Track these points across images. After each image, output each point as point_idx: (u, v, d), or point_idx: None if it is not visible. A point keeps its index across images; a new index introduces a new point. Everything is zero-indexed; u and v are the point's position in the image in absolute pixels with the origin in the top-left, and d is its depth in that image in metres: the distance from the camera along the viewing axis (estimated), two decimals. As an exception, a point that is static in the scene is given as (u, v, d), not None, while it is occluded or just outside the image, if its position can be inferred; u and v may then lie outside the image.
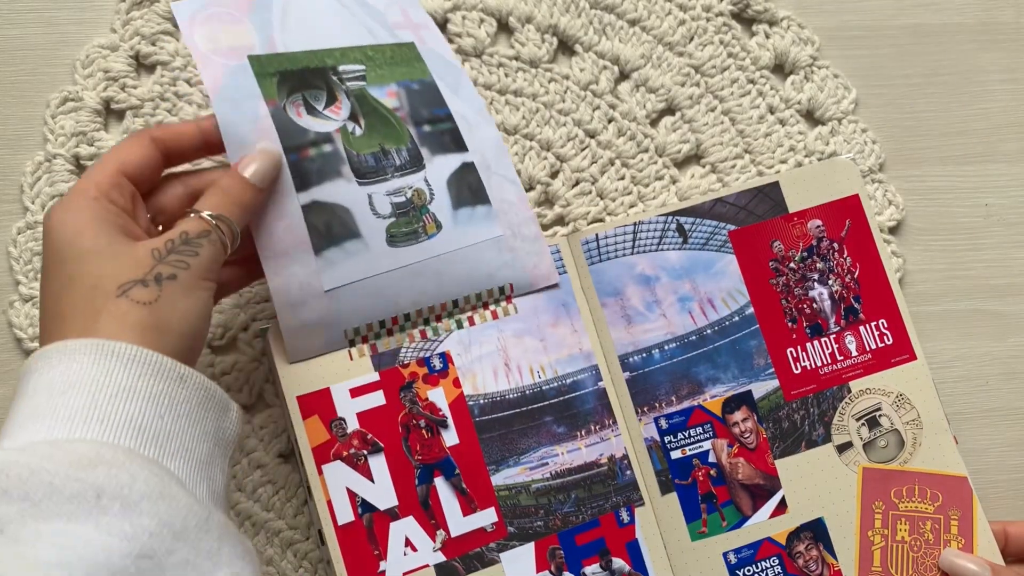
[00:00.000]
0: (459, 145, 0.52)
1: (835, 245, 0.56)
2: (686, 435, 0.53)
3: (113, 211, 0.41)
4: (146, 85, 0.56)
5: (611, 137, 0.58)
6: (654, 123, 0.59)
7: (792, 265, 0.55)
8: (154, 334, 0.39)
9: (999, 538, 0.53)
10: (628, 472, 0.52)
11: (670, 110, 0.60)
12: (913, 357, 0.55)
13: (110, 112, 0.56)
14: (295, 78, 0.49)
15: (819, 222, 0.56)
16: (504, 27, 0.59)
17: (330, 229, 0.47)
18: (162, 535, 0.34)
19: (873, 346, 0.55)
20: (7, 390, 0.53)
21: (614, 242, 0.54)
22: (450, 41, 0.58)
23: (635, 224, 0.55)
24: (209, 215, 0.42)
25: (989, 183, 0.61)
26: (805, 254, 0.55)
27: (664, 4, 0.60)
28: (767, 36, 0.61)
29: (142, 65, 0.56)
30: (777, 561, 0.52)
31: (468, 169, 0.51)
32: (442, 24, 0.58)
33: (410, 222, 0.49)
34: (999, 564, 0.52)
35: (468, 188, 0.51)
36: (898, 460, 0.54)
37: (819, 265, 0.55)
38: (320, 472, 0.49)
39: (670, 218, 0.55)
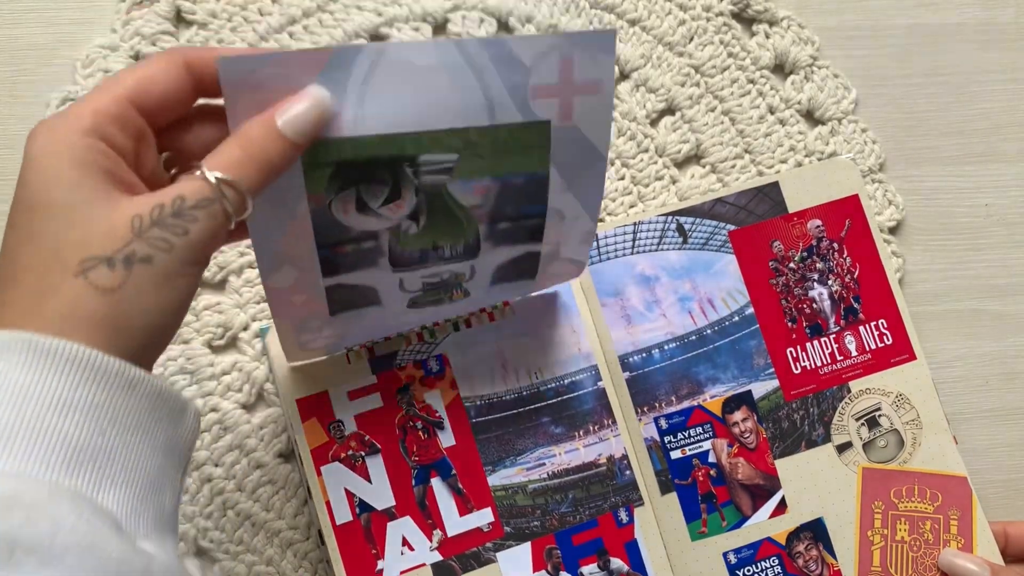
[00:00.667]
0: (534, 238, 0.44)
1: (835, 245, 0.55)
2: (686, 435, 0.53)
3: (104, 153, 0.33)
4: None
5: (611, 137, 0.58)
6: (654, 123, 0.59)
7: (792, 265, 0.55)
8: (108, 331, 0.32)
9: (999, 538, 0.53)
10: (627, 472, 0.52)
11: (670, 110, 0.59)
12: (913, 357, 0.55)
13: None
14: (356, 171, 0.37)
15: (819, 222, 0.55)
16: (504, 27, 0.59)
17: (352, 301, 0.44)
18: None
19: (873, 346, 0.55)
20: None
21: (614, 242, 0.54)
22: None
23: (635, 224, 0.54)
24: (217, 176, 0.33)
25: (989, 183, 0.61)
26: (805, 254, 0.55)
27: (664, 4, 0.60)
28: (767, 36, 0.61)
29: None
30: (777, 561, 0.52)
31: (529, 257, 0.45)
32: (442, 24, 0.58)
33: (438, 293, 0.45)
34: (999, 564, 0.52)
35: (516, 268, 0.45)
36: (898, 460, 0.54)
37: (819, 265, 0.55)
38: (319, 473, 0.50)
39: (670, 218, 0.55)
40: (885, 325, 0.55)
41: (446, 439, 0.51)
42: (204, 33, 0.56)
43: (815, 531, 0.53)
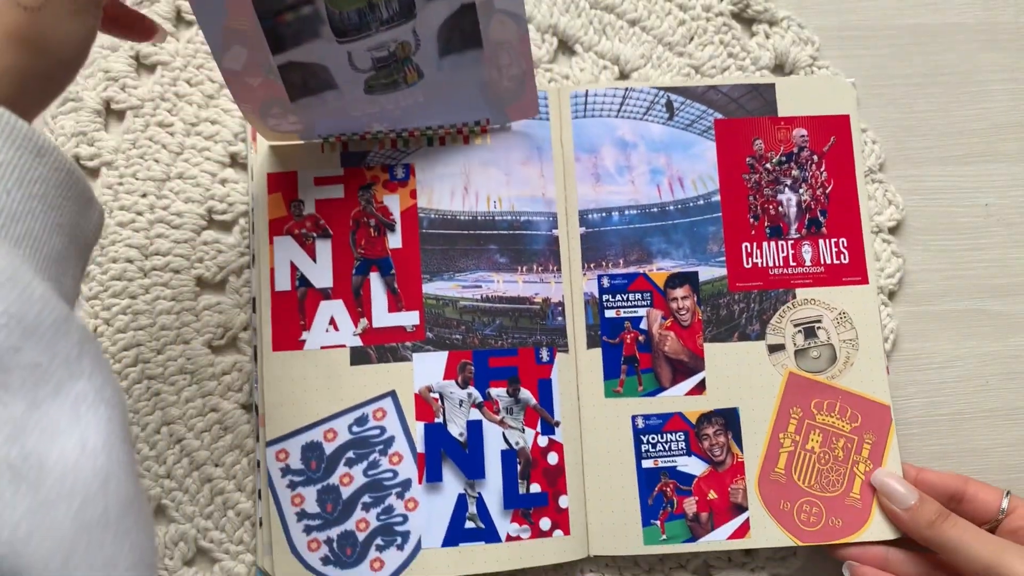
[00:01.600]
0: None
1: (815, 157, 0.56)
2: (624, 298, 0.54)
3: None
4: (146, 85, 0.56)
5: None
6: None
7: (768, 166, 0.56)
8: (30, 50, 0.33)
9: (909, 481, 0.53)
10: (559, 319, 0.53)
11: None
12: (865, 281, 0.55)
13: (110, 112, 0.56)
14: None
15: (804, 132, 0.56)
16: None
17: (306, 83, 0.47)
18: (9, 328, 0.27)
19: (828, 261, 0.55)
20: None
21: (602, 101, 0.55)
22: None
23: (626, 90, 0.56)
24: None
25: (989, 183, 0.61)
26: (784, 159, 0.56)
27: (664, 4, 0.60)
28: (767, 36, 0.60)
29: (142, 65, 0.56)
30: (683, 437, 0.53)
31: (466, 11, 0.46)
32: None
33: (391, 73, 0.48)
34: (924, 494, 0.51)
35: (460, 33, 0.47)
36: (827, 374, 0.54)
37: (794, 172, 0.56)
38: (271, 242, 0.52)
39: (661, 92, 0.56)
40: (845, 244, 0.55)
41: (394, 241, 0.53)
42: None
43: (727, 419, 0.53)
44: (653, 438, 0.53)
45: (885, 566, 0.51)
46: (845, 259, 0.55)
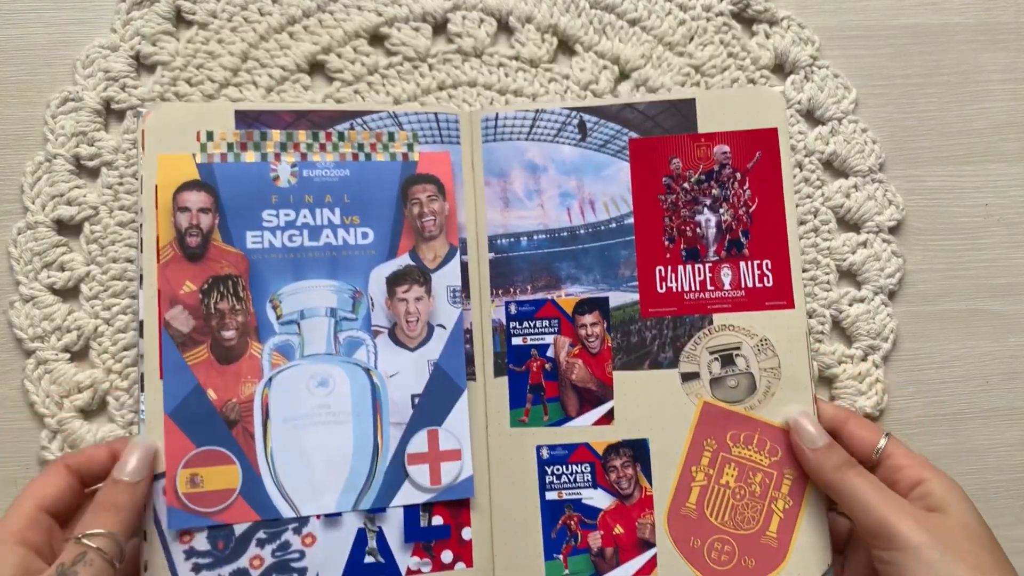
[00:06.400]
0: None
1: (737, 175, 0.53)
2: (531, 325, 0.53)
3: (17, 554, 0.42)
4: (146, 85, 0.56)
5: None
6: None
7: (686, 185, 0.53)
8: None
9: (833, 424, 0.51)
10: (467, 345, 0.53)
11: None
12: (790, 305, 0.52)
13: (110, 112, 0.56)
14: None
15: (726, 148, 0.53)
16: (504, 27, 0.60)
17: None
18: None
19: (749, 284, 0.52)
20: (7, 390, 0.54)
21: (511, 124, 0.55)
22: (450, 41, 0.59)
23: (537, 111, 0.54)
24: (85, 536, 0.43)
25: (989, 183, 0.61)
26: (703, 177, 0.53)
27: (664, 4, 0.60)
28: (767, 36, 0.60)
29: (142, 65, 0.57)
30: (589, 469, 0.52)
31: None
32: (442, 24, 0.59)
33: None
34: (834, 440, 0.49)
35: None
36: (744, 404, 0.51)
37: (714, 191, 0.53)
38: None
39: (574, 113, 0.54)
40: (769, 266, 0.52)
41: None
42: (204, 33, 0.57)
43: (636, 451, 0.51)
44: (558, 469, 0.52)
45: None
46: (768, 282, 0.52)
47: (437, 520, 0.51)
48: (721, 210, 0.53)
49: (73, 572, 0.41)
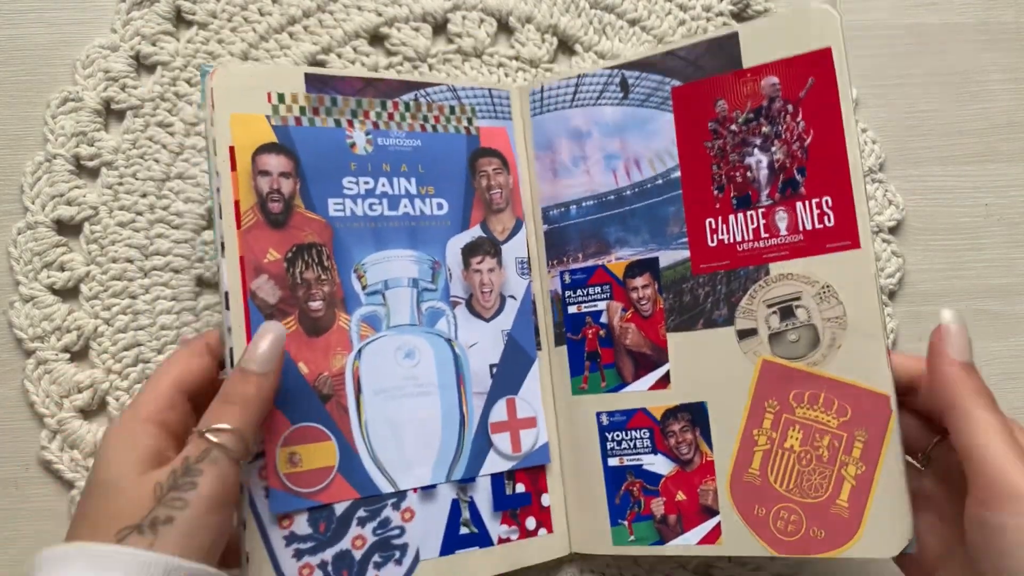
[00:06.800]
0: None
1: (789, 107, 0.48)
2: (585, 292, 0.53)
3: (151, 435, 0.40)
4: (146, 85, 0.56)
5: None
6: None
7: (733, 127, 0.49)
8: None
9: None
10: (533, 316, 0.54)
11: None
12: (856, 245, 0.46)
13: (110, 112, 0.56)
14: None
15: (775, 80, 0.48)
16: (504, 27, 0.60)
17: None
18: None
19: (808, 226, 0.47)
20: (7, 390, 0.53)
21: (556, 94, 0.54)
22: (450, 42, 0.59)
23: (578, 76, 0.54)
24: (209, 431, 0.40)
25: (989, 183, 0.61)
26: (751, 116, 0.49)
27: (664, 4, 0.60)
28: None
29: (142, 65, 0.56)
30: (648, 434, 0.50)
31: None
32: (442, 24, 0.59)
33: None
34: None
35: None
36: (807, 360, 0.46)
37: (764, 129, 0.48)
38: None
39: (615, 71, 0.53)
40: (830, 204, 0.46)
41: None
42: (204, 33, 0.57)
43: (694, 414, 0.49)
44: (618, 435, 0.51)
45: None
46: (830, 221, 0.46)
47: (520, 488, 0.52)
48: (773, 148, 0.48)
49: (198, 470, 0.38)
